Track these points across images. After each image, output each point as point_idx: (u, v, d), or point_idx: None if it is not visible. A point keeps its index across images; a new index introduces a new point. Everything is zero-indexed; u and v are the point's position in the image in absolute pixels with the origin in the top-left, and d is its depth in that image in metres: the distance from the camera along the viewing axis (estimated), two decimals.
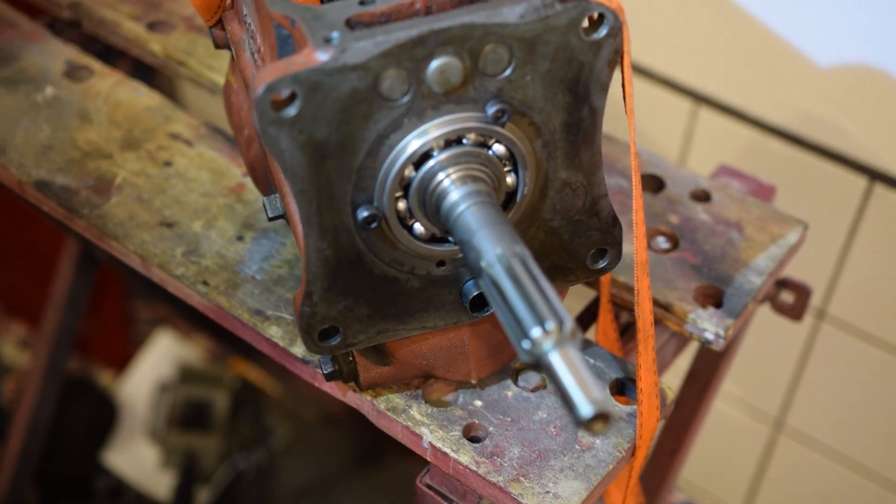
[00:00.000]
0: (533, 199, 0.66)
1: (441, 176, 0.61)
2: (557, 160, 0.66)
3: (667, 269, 0.87)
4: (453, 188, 0.61)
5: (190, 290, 0.82)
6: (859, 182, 1.18)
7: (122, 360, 2.12)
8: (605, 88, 0.64)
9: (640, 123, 1.30)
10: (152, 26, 1.05)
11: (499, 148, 0.63)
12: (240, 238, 0.86)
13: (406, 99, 0.60)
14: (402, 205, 0.63)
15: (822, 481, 1.43)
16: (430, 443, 0.73)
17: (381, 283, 0.66)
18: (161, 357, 2.10)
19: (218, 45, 0.81)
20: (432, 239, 0.65)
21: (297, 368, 0.78)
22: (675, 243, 0.90)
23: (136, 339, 2.14)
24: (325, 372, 0.73)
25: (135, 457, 2.00)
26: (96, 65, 1.02)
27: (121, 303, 2.10)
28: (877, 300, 1.25)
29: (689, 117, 1.28)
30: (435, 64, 0.59)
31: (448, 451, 0.72)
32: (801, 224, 0.92)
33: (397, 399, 0.75)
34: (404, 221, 0.64)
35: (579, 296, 0.92)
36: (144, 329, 2.14)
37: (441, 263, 0.67)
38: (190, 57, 1.03)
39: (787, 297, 1.00)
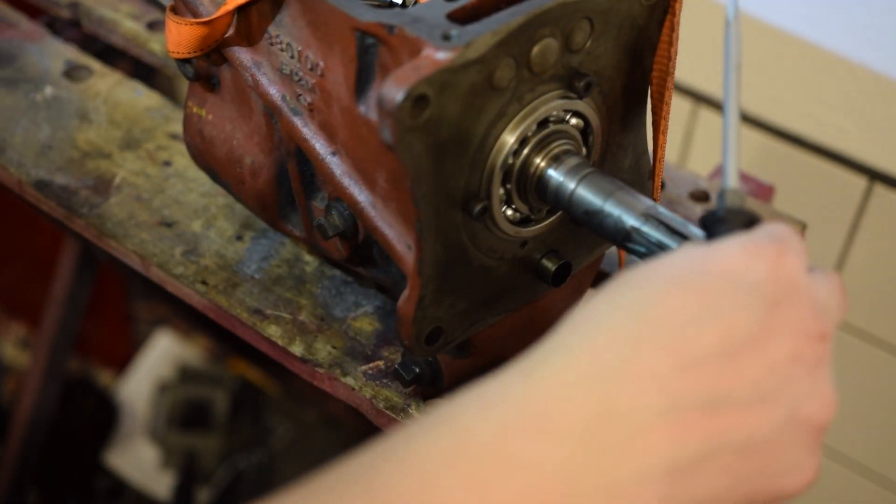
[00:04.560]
0: (594, 163, 0.69)
1: (539, 157, 0.64)
2: (616, 124, 0.70)
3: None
4: (555, 167, 0.64)
5: (189, 289, 0.82)
6: (859, 182, 1.18)
7: (122, 360, 2.12)
8: (654, 49, 0.69)
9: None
10: (152, 26, 1.05)
11: (575, 121, 0.66)
12: (239, 238, 0.86)
13: (511, 86, 0.61)
14: (501, 191, 0.64)
15: (822, 481, 1.43)
16: None
17: (477, 274, 0.67)
18: (161, 357, 2.10)
19: (197, 77, 0.77)
20: (521, 221, 0.67)
21: (297, 367, 0.78)
22: None
23: (136, 339, 2.14)
24: (408, 378, 0.72)
25: (135, 457, 2.00)
26: (96, 64, 1.02)
27: (121, 303, 2.10)
28: (877, 300, 1.25)
29: (689, 117, 1.28)
30: (537, 47, 0.61)
31: None
32: (800, 224, 0.92)
33: (396, 398, 0.75)
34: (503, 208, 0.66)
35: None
36: (144, 329, 2.14)
37: (524, 244, 0.68)
38: None
39: None
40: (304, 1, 0.65)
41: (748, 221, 0.53)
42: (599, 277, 0.88)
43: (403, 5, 0.70)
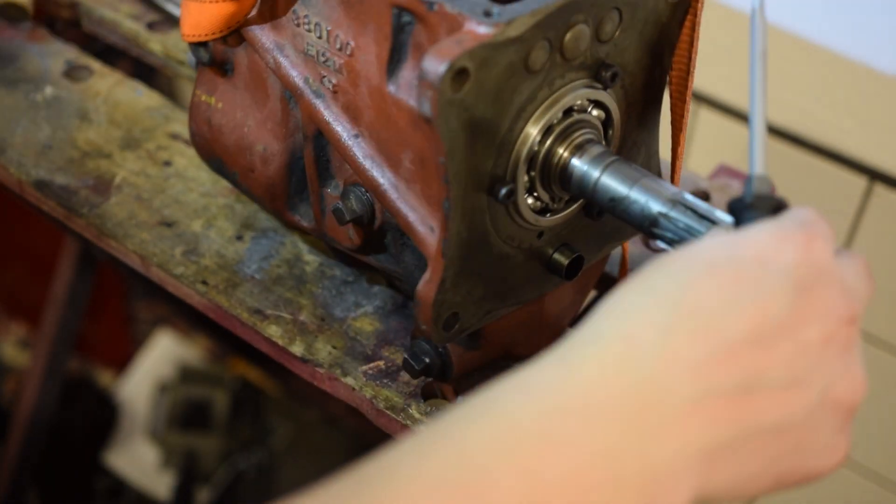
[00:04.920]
0: None
1: (563, 147, 0.64)
2: (633, 120, 0.70)
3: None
4: (579, 155, 0.65)
5: (189, 289, 0.82)
6: (859, 182, 1.18)
7: (122, 360, 2.12)
8: (673, 48, 0.70)
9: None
10: (152, 26, 1.05)
11: (596, 112, 0.66)
12: (239, 238, 0.86)
13: (544, 69, 0.61)
14: (525, 179, 0.65)
15: (822, 481, 1.43)
16: None
17: (496, 261, 0.67)
18: (161, 357, 2.10)
19: (213, 61, 0.77)
20: (540, 210, 0.67)
21: (297, 367, 0.78)
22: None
23: (136, 339, 2.14)
24: (417, 368, 0.72)
25: (135, 457, 2.00)
26: (96, 64, 1.02)
27: (121, 303, 2.10)
28: (877, 300, 1.25)
29: (690, 117, 1.28)
30: (570, 32, 0.61)
31: None
32: None
33: (396, 398, 0.75)
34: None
35: None
36: (144, 329, 2.14)
37: (541, 234, 0.69)
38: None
39: None
40: None
41: (776, 207, 0.54)
42: (603, 280, 0.88)
43: None
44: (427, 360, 0.72)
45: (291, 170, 0.76)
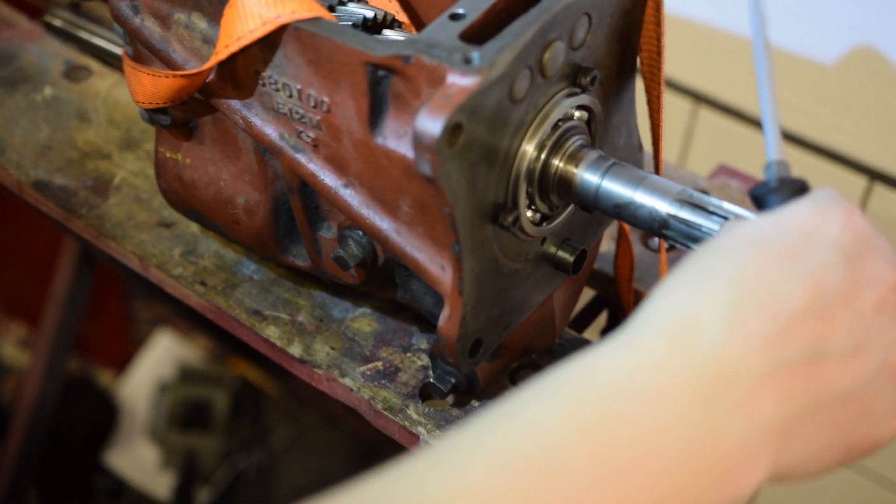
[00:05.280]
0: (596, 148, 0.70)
1: (557, 158, 0.64)
2: (612, 107, 0.70)
3: (664, 269, 0.87)
4: (575, 165, 0.65)
5: (188, 290, 0.82)
6: (859, 182, 1.18)
7: (122, 360, 2.12)
8: (639, 27, 0.70)
9: (641, 124, 1.30)
10: None
11: (579, 114, 0.66)
12: None
13: (528, 95, 0.61)
14: (524, 195, 0.65)
15: (822, 481, 1.43)
16: (426, 442, 0.73)
17: (507, 279, 0.67)
18: (161, 357, 2.10)
19: (174, 124, 0.74)
20: (541, 220, 0.67)
21: (295, 368, 0.78)
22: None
23: (136, 339, 2.14)
24: (446, 390, 0.72)
25: (135, 457, 2.00)
26: (95, 65, 1.02)
27: (121, 303, 2.10)
28: None
29: (689, 117, 1.28)
30: (547, 52, 0.61)
31: None
32: None
33: (394, 399, 0.75)
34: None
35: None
36: (144, 329, 2.14)
37: (543, 241, 0.69)
38: None
39: None
40: (303, 40, 0.63)
41: (800, 189, 0.55)
42: (595, 276, 0.88)
43: (375, 20, 0.70)
44: (453, 381, 0.72)
45: (277, 216, 0.75)
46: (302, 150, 0.68)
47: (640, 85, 0.74)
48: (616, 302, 0.87)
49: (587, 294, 0.90)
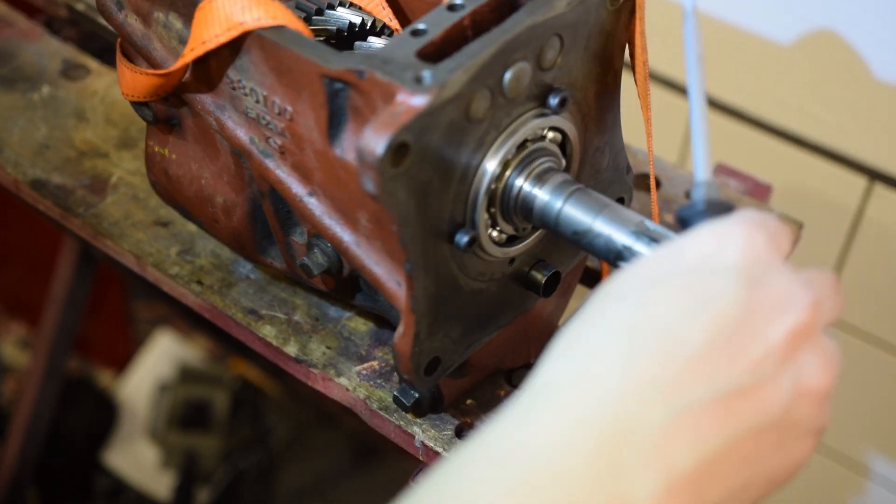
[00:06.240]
0: (574, 171, 0.68)
1: (521, 179, 0.63)
2: (592, 129, 0.69)
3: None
4: (538, 187, 0.63)
5: (184, 289, 0.82)
6: (859, 182, 1.18)
7: (122, 360, 2.12)
8: (623, 49, 0.68)
9: (640, 123, 1.30)
10: None
11: (552, 135, 0.65)
12: None
13: (488, 115, 0.60)
14: (485, 216, 0.63)
15: (822, 481, 1.42)
16: (422, 442, 0.73)
17: (469, 299, 0.66)
18: (161, 357, 2.10)
19: (157, 119, 0.75)
20: (507, 241, 0.66)
21: (291, 368, 0.78)
22: None
23: (136, 339, 2.13)
24: (408, 404, 0.72)
25: (135, 457, 2.00)
26: (93, 64, 1.02)
27: (121, 303, 2.10)
28: (877, 300, 1.24)
29: (689, 117, 1.27)
30: (510, 73, 0.59)
31: (440, 450, 0.72)
32: (797, 223, 0.91)
33: (390, 398, 0.75)
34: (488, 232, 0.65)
35: (577, 295, 0.91)
36: (144, 329, 2.14)
37: (512, 261, 0.68)
38: None
39: None
40: (266, 48, 0.63)
41: (725, 210, 0.53)
42: (587, 275, 0.88)
43: (362, 26, 0.69)
44: (416, 396, 0.72)
45: (255, 217, 0.75)
46: (270, 155, 0.68)
47: (637, 85, 0.73)
48: None
49: (587, 294, 0.89)
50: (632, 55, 0.70)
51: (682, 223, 0.54)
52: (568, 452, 0.44)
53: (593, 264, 0.87)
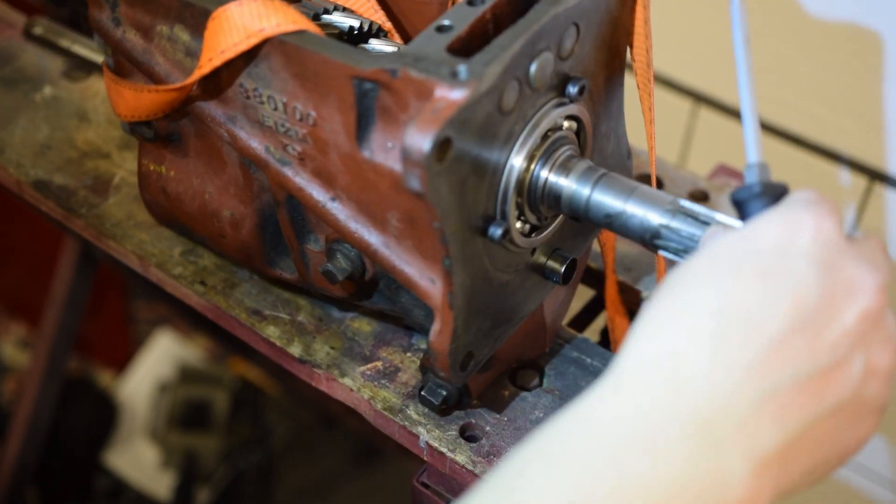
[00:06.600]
0: (587, 158, 0.69)
1: (546, 169, 0.64)
2: (600, 115, 0.70)
3: (662, 269, 0.87)
4: (564, 176, 0.64)
5: (188, 289, 0.82)
6: (859, 182, 1.18)
7: (122, 360, 2.12)
8: (628, 34, 0.69)
9: (640, 122, 1.30)
10: None
11: (568, 124, 0.66)
12: None
13: (516, 106, 0.61)
14: (514, 207, 0.64)
15: (822, 481, 1.43)
16: (426, 442, 0.73)
17: (498, 291, 0.67)
18: (161, 357, 2.10)
19: (157, 137, 0.74)
20: (530, 231, 0.67)
21: (294, 368, 0.78)
22: None
23: (136, 339, 2.14)
24: (437, 403, 0.72)
25: (135, 457, 2.00)
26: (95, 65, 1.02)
27: (121, 303, 2.10)
28: None
29: (689, 117, 1.28)
30: (535, 63, 0.60)
31: (445, 450, 0.72)
32: None
33: (394, 399, 0.75)
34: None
35: (578, 295, 0.92)
36: (144, 329, 2.14)
37: (533, 251, 0.69)
38: None
39: None
40: (288, 53, 0.63)
41: (781, 193, 0.54)
42: (589, 274, 0.88)
43: (361, 30, 0.69)
44: (444, 393, 0.72)
45: (264, 228, 0.74)
46: (288, 163, 0.68)
47: (635, 86, 0.74)
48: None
49: (587, 294, 0.89)
50: (632, 45, 0.71)
51: (738, 206, 0.56)
52: (663, 424, 0.47)
53: (594, 264, 0.88)
